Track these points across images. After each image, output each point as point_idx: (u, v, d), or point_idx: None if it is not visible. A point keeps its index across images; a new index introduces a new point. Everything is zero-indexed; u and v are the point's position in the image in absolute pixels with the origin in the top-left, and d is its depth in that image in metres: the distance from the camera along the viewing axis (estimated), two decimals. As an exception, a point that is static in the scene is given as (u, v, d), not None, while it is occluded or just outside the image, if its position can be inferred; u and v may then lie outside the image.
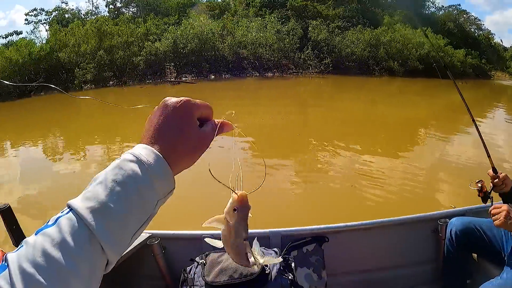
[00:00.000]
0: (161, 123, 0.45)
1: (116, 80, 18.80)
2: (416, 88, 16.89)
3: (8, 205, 1.13)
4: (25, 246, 0.36)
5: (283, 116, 10.00)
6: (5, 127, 11.49)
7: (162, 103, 0.46)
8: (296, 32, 18.43)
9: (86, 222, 0.37)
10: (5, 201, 1.20)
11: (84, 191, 0.41)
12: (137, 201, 0.40)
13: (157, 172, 0.42)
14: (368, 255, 1.93)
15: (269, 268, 1.57)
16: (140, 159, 0.41)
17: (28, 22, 27.64)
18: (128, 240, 0.41)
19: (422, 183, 4.76)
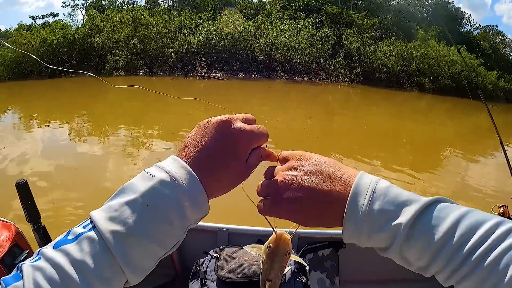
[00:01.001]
0: (209, 147, 0.41)
1: (147, 69, 19.05)
2: (445, 107, 16.57)
3: (25, 181, 1.12)
4: (42, 259, 0.35)
5: (308, 122, 9.94)
6: (34, 104, 11.77)
7: (214, 124, 0.43)
8: (329, 38, 18.33)
9: (110, 246, 0.36)
10: (21, 175, 1.20)
11: (109, 204, 0.38)
12: (167, 228, 0.38)
13: (193, 202, 0.39)
14: (383, 266, 1.79)
15: None
16: (179, 183, 0.38)
17: (65, 5, 28.30)
18: (152, 265, 0.39)
19: None
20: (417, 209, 0.37)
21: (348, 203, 0.39)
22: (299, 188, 0.41)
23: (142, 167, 6.02)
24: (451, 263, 0.36)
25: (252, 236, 1.77)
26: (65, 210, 4.36)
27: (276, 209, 0.42)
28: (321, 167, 0.43)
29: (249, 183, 0.46)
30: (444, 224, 0.36)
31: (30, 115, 10.02)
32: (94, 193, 4.65)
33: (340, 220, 0.40)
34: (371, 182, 0.40)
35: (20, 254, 1.00)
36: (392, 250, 0.38)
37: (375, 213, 0.38)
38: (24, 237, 1.05)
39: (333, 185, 0.41)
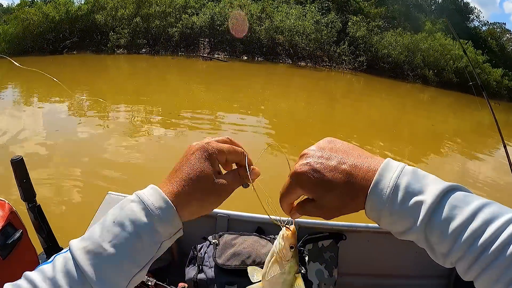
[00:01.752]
0: (178, 166, 0.45)
1: (149, 48, 18.88)
2: (448, 100, 16.50)
3: (21, 157, 1.07)
4: (22, 278, 0.38)
5: (310, 108, 9.85)
6: (34, 80, 11.69)
7: (188, 147, 0.47)
8: (335, 25, 18.11)
9: (79, 263, 0.36)
10: (20, 150, 1.15)
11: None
12: (136, 244, 0.39)
13: (160, 215, 0.40)
14: (383, 260, 1.87)
15: None
16: (143, 199, 0.40)
17: (68, -19, 27.97)
18: (125, 284, 0.39)
19: None
20: (442, 189, 0.38)
21: (376, 176, 0.40)
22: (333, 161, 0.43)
23: (143, 142, 5.97)
24: (467, 255, 0.36)
25: (251, 223, 1.74)
26: (64, 184, 4.26)
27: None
28: (350, 148, 0.45)
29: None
30: (464, 212, 0.37)
31: (31, 91, 9.94)
32: (93, 167, 4.64)
33: (364, 196, 0.41)
34: (400, 164, 0.42)
35: (13, 234, 0.95)
36: (415, 230, 0.39)
37: (401, 188, 0.39)
38: (18, 216, 1.00)
39: (361, 159, 0.43)
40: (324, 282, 1.61)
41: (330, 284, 1.62)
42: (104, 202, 1.82)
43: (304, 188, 0.44)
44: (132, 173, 4.62)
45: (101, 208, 1.79)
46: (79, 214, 3.45)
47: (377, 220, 0.42)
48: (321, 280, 1.61)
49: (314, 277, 1.60)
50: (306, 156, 0.45)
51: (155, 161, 5.15)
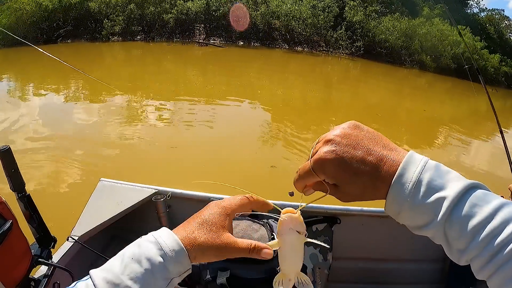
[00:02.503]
0: (195, 216, 0.50)
1: (144, 35, 18.70)
2: (445, 86, 16.46)
3: (8, 147, 1.04)
4: None
5: (306, 94, 9.81)
6: (29, 70, 11.58)
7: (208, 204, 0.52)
8: (332, 10, 17.92)
9: None
10: (16, 141, 1.10)
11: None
12: (150, 279, 0.43)
13: (173, 257, 0.45)
14: (377, 244, 1.85)
15: None
16: (159, 241, 0.45)
17: (62, -31, 27.58)
18: None
19: None
20: (464, 186, 0.39)
21: (399, 169, 0.41)
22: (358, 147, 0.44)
23: (139, 127, 5.92)
24: (484, 253, 0.37)
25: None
26: (57, 170, 4.22)
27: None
28: (375, 136, 0.45)
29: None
30: (484, 210, 0.37)
31: (26, 81, 9.89)
32: (92, 153, 4.63)
33: (386, 188, 0.42)
34: (423, 157, 0.42)
35: (4, 225, 0.94)
36: (434, 225, 0.39)
37: (424, 183, 0.40)
38: (7, 206, 0.99)
39: (387, 151, 0.43)
40: (319, 266, 1.58)
41: (325, 268, 1.60)
42: (97, 189, 1.79)
43: (327, 175, 0.44)
44: (127, 158, 4.60)
45: (93, 195, 1.76)
46: (72, 202, 3.43)
47: (397, 213, 0.42)
48: (316, 264, 1.58)
49: (309, 262, 1.57)
50: (331, 142, 0.44)
51: (152, 145, 5.12)
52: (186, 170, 4.25)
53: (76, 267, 1.43)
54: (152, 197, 1.75)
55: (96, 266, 1.59)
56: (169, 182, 1.87)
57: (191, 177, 4.02)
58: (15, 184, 1.08)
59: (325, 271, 1.60)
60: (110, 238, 1.90)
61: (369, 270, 1.87)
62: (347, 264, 1.86)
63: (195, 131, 5.90)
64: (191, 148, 5.06)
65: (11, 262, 0.96)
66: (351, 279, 1.92)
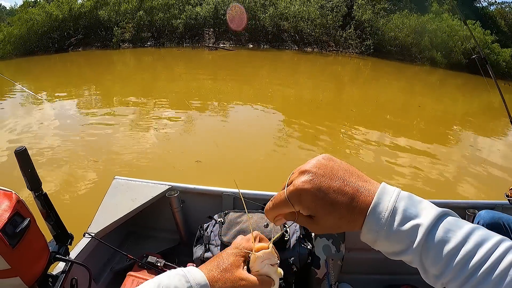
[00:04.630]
0: (220, 255, 0.56)
1: (154, 41, 18.89)
2: (457, 82, 16.26)
3: (24, 148, 1.08)
4: None
5: (317, 94, 9.77)
6: (42, 79, 11.79)
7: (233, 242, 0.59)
8: (340, 9, 17.87)
9: None
10: (30, 148, 1.13)
11: None
12: None
13: None
14: None
15: (289, 235, 1.53)
16: (187, 275, 0.51)
17: (70, -21, 28.00)
18: None
19: (446, 180, 4.63)
20: (436, 214, 0.40)
21: (375, 199, 0.42)
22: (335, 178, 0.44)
23: (152, 135, 5.98)
24: (459, 276, 0.38)
25: (258, 201, 1.74)
26: (72, 173, 4.32)
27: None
28: (349, 168, 0.46)
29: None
30: (458, 235, 0.39)
31: (38, 89, 10.07)
32: (105, 162, 4.69)
33: (362, 218, 0.42)
34: (395, 188, 0.44)
35: (22, 223, 0.97)
36: (411, 252, 0.40)
37: (399, 211, 0.41)
38: (25, 205, 1.02)
39: (362, 182, 0.44)
40: (332, 257, 1.61)
41: (338, 259, 1.62)
42: (112, 187, 1.82)
43: (303, 206, 0.44)
44: (141, 161, 4.65)
45: (109, 193, 1.79)
46: (88, 200, 3.54)
47: (373, 241, 0.43)
48: (329, 256, 1.61)
49: (321, 253, 1.60)
50: (308, 172, 0.44)
51: (165, 150, 5.17)
52: (200, 169, 4.31)
53: (93, 263, 1.48)
54: (165, 193, 1.78)
55: (113, 261, 1.70)
56: (181, 178, 1.88)
57: (205, 175, 4.11)
58: (31, 183, 1.12)
59: (338, 262, 1.62)
60: (126, 233, 1.93)
61: (382, 260, 1.81)
62: (360, 255, 1.85)
63: (207, 134, 5.96)
64: (205, 150, 5.10)
65: (30, 259, 0.99)
66: (364, 270, 1.92)
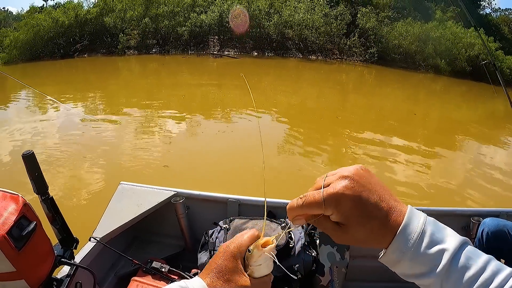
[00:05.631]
0: (213, 261, 0.54)
1: (159, 48, 19.02)
2: (461, 90, 16.27)
3: (31, 152, 1.11)
4: None
5: (322, 102, 9.82)
6: (47, 84, 11.88)
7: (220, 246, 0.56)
8: (344, 17, 17.94)
9: None
10: (36, 152, 1.16)
11: None
12: None
13: None
14: None
15: (294, 242, 1.52)
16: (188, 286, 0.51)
17: (76, -15, 28.30)
18: None
19: (452, 188, 4.65)
20: (460, 241, 0.42)
21: (405, 219, 0.43)
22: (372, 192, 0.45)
23: (158, 142, 6.00)
24: None
25: (262, 207, 1.74)
26: (78, 178, 4.39)
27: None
28: (383, 185, 0.47)
29: None
30: (478, 263, 0.41)
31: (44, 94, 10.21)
32: (111, 167, 4.75)
33: (391, 237, 0.43)
34: (422, 212, 0.45)
35: (28, 226, 0.98)
36: (433, 275, 0.41)
37: (427, 234, 0.42)
38: (31, 208, 1.03)
39: (393, 201, 0.45)
40: (336, 265, 1.61)
41: (342, 266, 1.62)
42: (117, 192, 1.83)
43: (338, 211, 0.43)
44: (145, 169, 4.68)
45: (114, 198, 1.80)
46: (93, 204, 3.59)
47: (396, 262, 0.44)
48: (333, 263, 1.61)
49: (326, 260, 1.60)
50: (350, 179, 0.44)
51: (169, 158, 5.21)
52: (203, 176, 4.34)
53: (98, 267, 1.49)
54: (171, 199, 1.79)
55: (118, 266, 1.73)
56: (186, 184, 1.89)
57: (209, 183, 4.13)
58: (38, 187, 1.14)
59: (342, 270, 1.62)
60: (131, 238, 1.93)
61: (387, 268, 1.83)
62: (365, 263, 1.84)
63: (212, 142, 6.00)
64: (209, 157, 5.15)
65: (35, 262, 1.01)
66: (369, 278, 1.90)
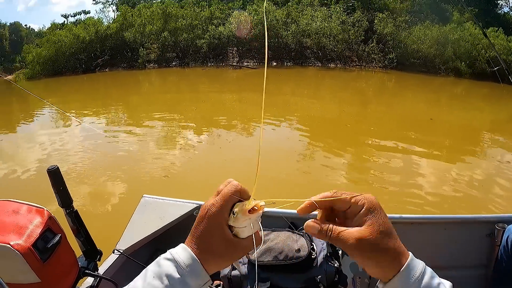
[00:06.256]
0: (197, 225, 0.51)
1: (179, 61, 19.37)
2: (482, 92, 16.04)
3: (56, 167, 1.15)
4: None
5: (342, 109, 9.83)
6: (70, 99, 12.25)
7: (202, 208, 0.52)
8: (362, 24, 17.94)
9: None
10: (61, 166, 1.19)
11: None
12: None
13: (189, 271, 0.48)
14: (416, 251, 1.78)
15: (316, 253, 1.52)
16: (175, 258, 0.49)
17: (96, 2, 29.24)
18: None
19: (476, 194, 4.64)
20: (450, 285, 0.49)
21: (409, 259, 0.48)
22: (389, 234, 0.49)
23: (178, 152, 6.16)
24: None
25: (284, 219, 1.75)
26: (102, 191, 4.54)
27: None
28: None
29: None
30: None
31: (67, 108, 10.54)
32: (134, 179, 4.89)
33: (395, 271, 0.48)
34: (420, 261, 0.50)
35: (53, 238, 1.02)
36: None
37: (426, 276, 0.48)
38: (56, 221, 1.08)
39: (399, 240, 0.50)
40: (359, 275, 1.60)
41: (365, 277, 1.61)
42: (140, 205, 1.87)
43: (368, 218, 0.48)
44: (169, 180, 4.83)
45: (137, 211, 1.84)
46: (117, 217, 3.69)
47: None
48: (356, 274, 1.60)
49: (349, 271, 1.60)
50: (380, 209, 0.50)
51: (192, 170, 5.36)
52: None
53: (121, 279, 1.49)
54: (193, 211, 1.82)
55: None
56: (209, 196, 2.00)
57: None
58: (63, 201, 1.18)
59: (365, 280, 1.61)
60: (154, 251, 1.95)
61: None
62: None
63: (233, 152, 6.16)
64: (232, 168, 5.27)
65: (60, 273, 1.04)
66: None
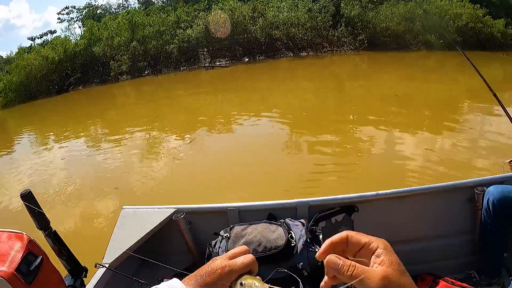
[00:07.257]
0: (205, 275, 0.53)
1: (151, 69, 19.17)
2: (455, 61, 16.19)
3: (29, 191, 1.16)
4: None
5: (320, 96, 9.79)
6: (48, 122, 12.01)
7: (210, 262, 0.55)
8: (328, 9, 17.96)
9: None
10: (45, 189, 1.22)
11: None
12: None
13: None
14: (399, 225, 1.80)
15: (295, 240, 1.51)
16: None
17: (61, 20, 28.81)
18: None
19: (458, 160, 4.69)
20: None
21: None
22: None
23: (162, 165, 6.04)
24: None
25: (262, 211, 1.74)
26: (91, 217, 4.38)
27: None
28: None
29: None
30: None
31: (45, 132, 10.28)
32: (122, 195, 4.78)
33: None
34: None
35: (35, 261, 1.03)
36: None
37: None
38: (37, 244, 1.09)
39: None
40: None
41: None
42: (120, 217, 1.86)
43: (389, 265, 0.48)
44: (150, 190, 4.75)
45: (118, 223, 1.82)
46: (99, 233, 3.66)
47: None
48: None
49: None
50: (392, 249, 0.51)
51: (173, 178, 5.26)
52: (200, 185, 4.37)
53: None
54: (172, 216, 1.82)
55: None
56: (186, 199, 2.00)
57: (207, 192, 4.16)
58: (40, 223, 1.19)
59: None
60: (141, 261, 1.93)
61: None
62: None
63: (217, 153, 6.05)
64: (216, 168, 5.18)
65: None
66: None
